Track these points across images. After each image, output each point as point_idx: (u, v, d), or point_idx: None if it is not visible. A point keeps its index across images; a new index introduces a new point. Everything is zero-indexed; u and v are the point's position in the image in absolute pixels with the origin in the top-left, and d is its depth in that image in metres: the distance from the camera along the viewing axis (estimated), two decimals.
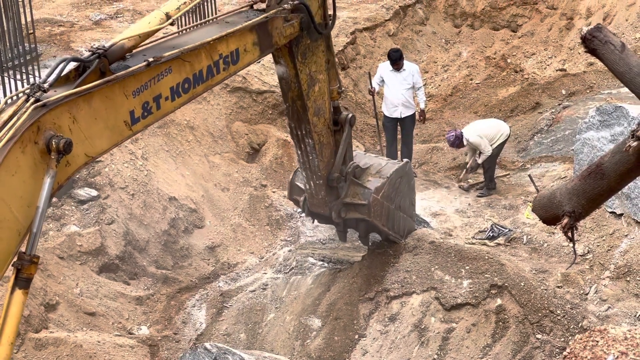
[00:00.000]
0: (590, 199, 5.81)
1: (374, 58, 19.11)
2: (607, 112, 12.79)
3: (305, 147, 10.63)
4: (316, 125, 10.43)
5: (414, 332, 11.28)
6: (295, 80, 9.88)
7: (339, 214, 11.26)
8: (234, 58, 8.31)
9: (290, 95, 10.09)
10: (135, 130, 7.18)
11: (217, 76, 8.09)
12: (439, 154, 15.92)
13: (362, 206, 11.27)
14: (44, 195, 6.20)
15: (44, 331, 11.12)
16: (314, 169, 10.81)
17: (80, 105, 6.56)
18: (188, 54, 7.58)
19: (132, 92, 7.05)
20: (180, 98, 7.63)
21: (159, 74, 7.30)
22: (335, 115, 11.13)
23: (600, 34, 5.68)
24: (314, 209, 11.41)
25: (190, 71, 7.70)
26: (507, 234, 12.86)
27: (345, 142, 11.25)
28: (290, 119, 10.44)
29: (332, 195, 11.16)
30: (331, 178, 10.98)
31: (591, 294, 11.43)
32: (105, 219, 13.10)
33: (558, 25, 19.75)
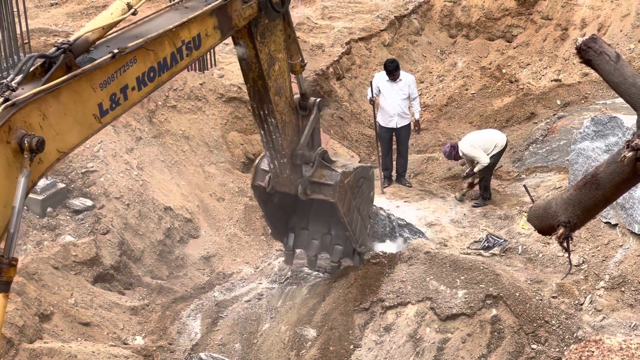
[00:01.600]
0: (585, 209, 5.81)
1: (369, 68, 19.13)
2: (602, 122, 12.81)
3: (268, 127, 10.59)
4: (278, 104, 10.41)
5: (409, 343, 11.26)
6: (256, 60, 9.85)
7: (304, 190, 11.15)
8: (197, 43, 8.32)
9: (251, 75, 10.07)
10: (104, 122, 7.21)
11: (180, 62, 8.10)
12: (435, 164, 15.93)
13: (327, 186, 11.21)
14: (19, 195, 6.24)
15: (38, 341, 11.09)
16: (277, 147, 10.76)
17: (49, 101, 6.59)
18: (152, 42, 7.61)
19: (99, 85, 7.07)
20: (146, 87, 7.65)
21: (124, 65, 7.31)
22: (304, 101, 11.22)
23: (595, 45, 5.69)
24: (278, 188, 11.29)
25: (155, 60, 7.72)
26: (502, 244, 12.86)
27: (313, 124, 11.28)
28: (252, 99, 10.41)
29: (296, 173, 11.09)
30: (295, 155, 10.90)
31: (586, 304, 11.43)
32: (100, 228, 13.09)
33: (553, 35, 19.79)
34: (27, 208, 13.04)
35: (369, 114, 17.42)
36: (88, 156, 13.63)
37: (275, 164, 11.02)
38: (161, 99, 15.46)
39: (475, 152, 13.86)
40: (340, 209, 11.33)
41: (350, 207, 11.63)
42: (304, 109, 11.24)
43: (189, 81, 15.76)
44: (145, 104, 15.16)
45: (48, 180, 13.27)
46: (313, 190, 11.28)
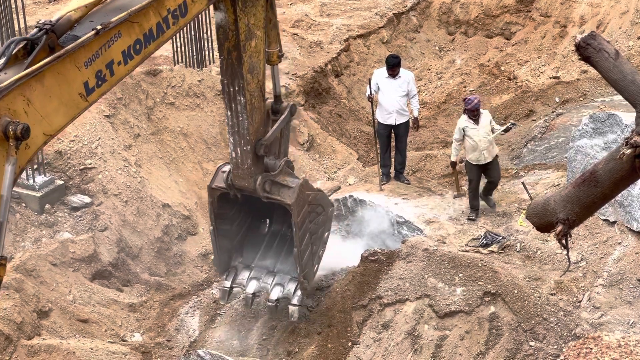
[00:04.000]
0: (584, 206, 5.80)
1: (367, 65, 19.12)
2: (601, 119, 12.81)
3: (236, 107, 10.34)
4: (249, 83, 10.20)
5: (407, 340, 11.27)
6: (234, 27, 9.70)
7: (263, 186, 10.89)
8: (183, 10, 8.15)
9: (227, 45, 9.89)
10: (91, 100, 7.13)
11: (167, 32, 7.96)
12: (433, 161, 15.92)
13: (287, 188, 11.02)
14: (6, 183, 6.21)
15: (36, 338, 11.09)
16: (242, 132, 10.49)
17: (33, 86, 6.51)
18: (136, 14, 7.45)
19: (84, 64, 6.96)
20: (132, 60, 7.53)
21: (109, 40, 7.18)
22: (276, 104, 11.12)
23: (594, 42, 5.68)
24: (237, 182, 10.97)
25: (140, 32, 7.57)
26: (500, 241, 12.86)
27: (282, 124, 11.13)
28: (223, 74, 10.18)
29: (258, 166, 10.85)
30: (259, 144, 10.68)
31: (584, 302, 11.43)
32: (99, 225, 13.08)
33: (552, 33, 19.77)
34: (25, 205, 13.04)
35: (368, 111, 17.42)
36: (86, 153, 13.62)
37: (237, 152, 10.71)
38: (159, 95, 15.45)
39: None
40: (295, 215, 11.05)
41: (305, 224, 11.36)
42: (276, 113, 11.12)
43: (187, 78, 15.75)
44: (143, 101, 15.15)
45: (46, 177, 13.26)
46: (272, 190, 11.03)
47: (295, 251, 11.23)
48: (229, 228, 11.68)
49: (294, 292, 11.66)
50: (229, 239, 11.77)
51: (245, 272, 11.89)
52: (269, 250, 12.05)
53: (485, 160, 13.32)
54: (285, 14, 19.77)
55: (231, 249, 11.86)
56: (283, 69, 17.44)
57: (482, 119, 13.19)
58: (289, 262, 11.79)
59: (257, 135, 10.69)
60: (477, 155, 13.27)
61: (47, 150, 13.48)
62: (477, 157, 13.29)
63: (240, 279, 11.85)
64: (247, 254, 12.00)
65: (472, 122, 13.15)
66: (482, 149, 13.22)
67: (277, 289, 11.75)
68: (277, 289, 11.76)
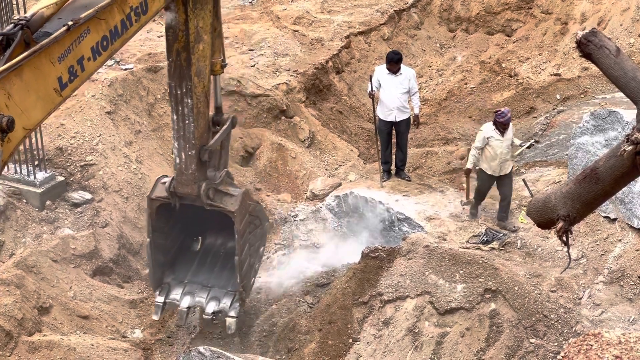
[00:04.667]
0: (585, 203, 5.81)
1: (368, 62, 19.12)
2: (602, 116, 12.81)
3: (182, 110, 10.40)
4: (196, 86, 10.30)
5: (407, 337, 11.28)
6: (184, 27, 9.84)
7: (207, 193, 10.89)
8: (144, 8, 8.41)
9: (176, 47, 10.00)
10: (65, 95, 7.31)
11: (130, 29, 8.19)
12: (434, 158, 15.93)
13: (230, 196, 11.08)
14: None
15: (37, 334, 11.10)
16: (188, 136, 10.54)
17: (13, 80, 6.64)
18: (102, 11, 7.68)
19: (58, 58, 7.14)
20: (100, 57, 7.74)
21: (79, 36, 7.39)
22: (217, 116, 11.21)
23: (595, 39, 5.68)
24: (180, 189, 10.93)
25: (107, 28, 7.81)
26: (501, 238, 12.86)
27: (224, 134, 11.20)
28: (171, 77, 10.28)
29: (201, 172, 10.86)
30: (203, 150, 10.72)
31: (585, 299, 11.44)
32: (99, 222, 13.09)
33: (553, 30, 19.77)
34: (26, 201, 13.05)
35: (368, 107, 17.42)
36: (87, 149, 13.62)
37: (182, 156, 10.73)
38: (160, 92, 15.45)
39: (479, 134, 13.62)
40: (238, 223, 11.10)
41: (245, 235, 11.41)
42: (217, 124, 11.19)
43: None
44: (144, 98, 15.15)
45: (47, 173, 13.27)
46: (215, 197, 11.06)
47: (236, 259, 11.21)
48: (164, 243, 11.63)
49: (230, 304, 11.59)
50: (163, 254, 11.70)
51: (179, 288, 11.79)
52: (202, 267, 11.99)
53: (500, 172, 13.17)
54: (287, 11, 19.78)
55: (165, 265, 11.78)
56: (284, 65, 17.46)
57: (508, 132, 13.07)
58: (224, 277, 11.77)
59: (202, 141, 10.76)
60: (494, 166, 13.07)
61: (48, 146, 13.49)
62: (494, 168, 13.09)
63: (174, 294, 11.74)
64: (179, 271, 11.92)
65: (498, 133, 12.99)
66: (501, 161, 13.03)
67: (213, 303, 11.67)
68: (213, 303, 11.68)
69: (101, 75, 14.59)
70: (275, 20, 19.46)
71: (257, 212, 11.83)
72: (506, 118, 12.89)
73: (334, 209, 14.53)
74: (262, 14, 19.91)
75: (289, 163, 15.62)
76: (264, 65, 17.32)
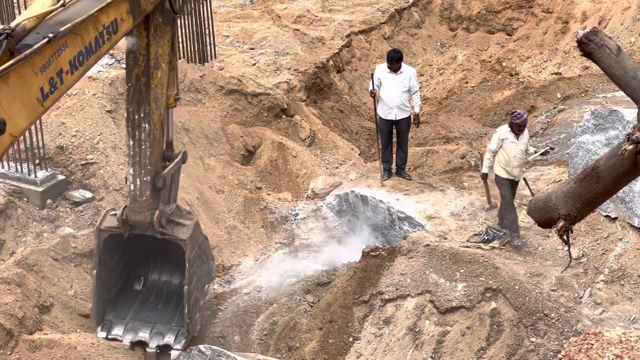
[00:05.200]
0: (585, 202, 5.80)
1: (369, 61, 19.11)
2: (602, 115, 12.80)
3: (139, 135, 10.63)
4: (154, 113, 10.56)
5: (408, 335, 11.28)
6: (145, 52, 10.18)
7: (160, 221, 11.01)
8: (114, 27, 8.78)
9: (136, 71, 10.30)
10: (46, 106, 7.53)
11: (103, 47, 8.52)
12: (434, 157, 15.93)
13: (182, 226, 11.23)
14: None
15: (38, 333, 11.10)
16: (144, 161, 10.74)
17: (0, 86, 6.78)
18: (79, 27, 7.98)
19: (40, 69, 7.36)
20: (77, 71, 8.04)
21: (58, 49, 7.64)
22: (168, 152, 11.33)
23: (596, 38, 5.67)
24: (133, 217, 11.05)
25: (82, 44, 8.12)
26: (502, 237, 12.86)
27: (174, 167, 11.34)
28: (129, 102, 10.54)
29: (155, 200, 11.03)
30: (158, 177, 10.89)
31: (585, 298, 11.44)
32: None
33: (553, 28, 19.77)
34: (27, 200, 13.05)
35: (369, 106, 17.42)
36: (88, 148, 13.62)
37: (137, 183, 10.88)
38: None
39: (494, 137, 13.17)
40: (189, 252, 11.16)
41: (193, 267, 11.43)
42: (167, 160, 11.32)
43: (189, 73, 15.76)
44: None
45: (48, 172, 13.27)
46: (167, 226, 11.16)
47: (185, 289, 11.24)
48: (108, 278, 11.65)
49: (175, 338, 11.53)
50: (107, 290, 11.69)
51: (121, 325, 11.73)
52: (145, 305, 11.94)
53: (515, 177, 12.91)
54: (287, 10, 19.77)
55: (107, 301, 11.75)
56: (285, 64, 17.46)
57: (523, 135, 12.75)
58: (167, 314, 11.75)
59: (156, 168, 10.94)
60: (508, 170, 12.75)
61: (49, 145, 13.49)
62: (509, 172, 12.78)
63: (116, 330, 11.66)
64: (121, 308, 11.86)
65: (513, 135, 12.65)
66: (515, 165, 12.74)
67: (157, 338, 11.59)
68: (157, 338, 11.60)
69: (102, 73, 14.59)
70: (276, 19, 19.46)
71: (205, 247, 11.96)
72: (522, 119, 12.59)
73: (334, 207, 14.53)
74: (262, 13, 19.91)
75: (290, 162, 15.62)
76: (265, 64, 17.31)
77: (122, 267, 11.91)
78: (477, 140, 16.75)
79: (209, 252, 12.20)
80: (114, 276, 11.76)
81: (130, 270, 12.07)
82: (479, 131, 17.16)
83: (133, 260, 11.95)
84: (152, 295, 12.05)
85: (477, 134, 17.06)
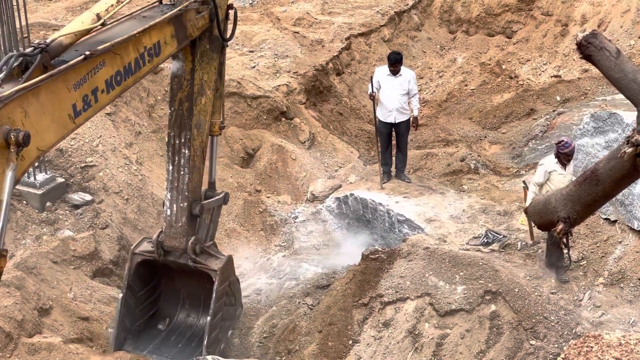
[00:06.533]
0: (585, 204, 5.82)
1: (368, 64, 19.12)
2: (602, 118, 12.82)
3: (179, 160, 10.57)
4: (195, 139, 10.51)
5: (407, 338, 11.27)
6: (190, 77, 10.16)
7: (194, 249, 10.90)
8: (157, 50, 8.76)
9: (180, 96, 10.27)
10: (77, 123, 7.50)
11: (143, 68, 8.50)
12: (434, 159, 15.93)
13: (215, 258, 11.13)
14: (6, 188, 6.43)
15: (37, 336, 11.09)
16: (182, 187, 10.66)
17: (30, 99, 6.79)
18: (118, 47, 7.98)
19: (74, 86, 7.35)
20: (114, 90, 8.02)
21: (94, 67, 7.64)
22: (210, 191, 11.37)
23: (595, 40, 5.68)
24: (168, 242, 10.96)
25: (121, 64, 8.10)
26: (501, 240, 12.86)
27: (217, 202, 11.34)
28: (171, 126, 10.52)
29: (191, 227, 10.91)
30: (195, 204, 10.80)
31: (585, 300, 11.43)
32: (99, 223, 13.08)
33: (553, 31, 19.77)
34: (26, 202, 13.04)
35: (369, 109, 17.42)
36: (87, 151, 13.62)
37: (173, 208, 10.80)
38: (160, 93, 15.45)
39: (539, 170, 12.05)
40: (218, 284, 11.01)
41: (220, 301, 11.25)
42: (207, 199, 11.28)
43: None
44: (144, 99, 15.14)
45: (47, 174, 13.26)
46: (200, 256, 11.05)
47: (208, 320, 11.03)
48: (133, 307, 11.53)
49: None
50: (130, 319, 11.55)
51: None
52: (166, 342, 11.78)
53: None
54: (287, 12, 19.77)
55: (129, 331, 11.58)
56: (284, 67, 17.45)
57: (570, 164, 11.76)
58: (186, 353, 11.53)
59: (195, 195, 10.86)
60: None
61: None
62: None
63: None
64: (141, 342, 11.69)
65: (561, 166, 11.60)
66: None
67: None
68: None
69: None
70: (275, 22, 19.46)
71: (235, 290, 11.82)
72: (570, 148, 11.57)
73: (334, 210, 14.53)
74: (262, 16, 19.91)
75: (289, 165, 15.62)
76: (264, 67, 17.31)
77: (150, 303, 11.79)
78: (477, 142, 16.75)
79: (238, 297, 12.01)
80: (139, 308, 11.62)
81: (157, 308, 11.93)
82: (479, 134, 17.16)
83: (162, 297, 11.84)
84: (175, 334, 11.87)
85: (476, 136, 17.06)
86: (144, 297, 11.65)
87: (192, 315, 11.82)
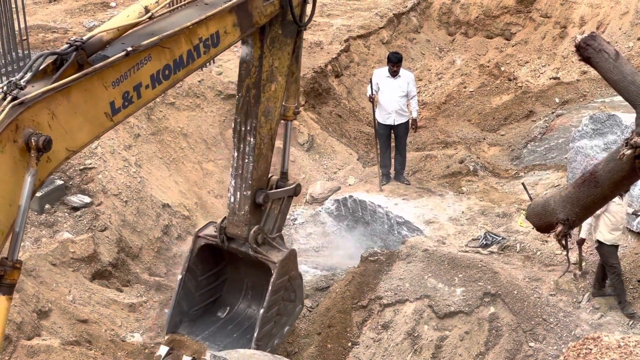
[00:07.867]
0: (584, 206, 5.81)
1: (367, 66, 19.12)
2: (601, 120, 12.82)
3: (244, 148, 10.17)
4: (262, 126, 10.06)
5: (407, 340, 11.27)
6: (258, 63, 9.63)
7: (255, 238, 10.55)
8: (215, 41, 8.24)
9: (247, 82, 9.81)
10: (116, 120, 7.20)
11: (197, 60, 8.05)
12: (433, 161, 15.93)
13: (277, 250, 10.72)
14: (25, 194, 6.26)
15: (36, 338, 11.08)
16: (245, 175, 10.30)
17: (59, 100, 6.58)
18: (167, 40, 7.56)
19: (112, 83, 7.05)
20: (161, 85, 7.64)
21: (138, 63, 7.29)
22: (282, 181, 10.91)
23: (594, 42, 5.68)
24: (230, 229, 10.67)
25: (171, 57, 7.68)
26: (500, 241, 12.86)
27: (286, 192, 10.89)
28: (238, 112, 10.09)
29: (254, 216, 10.57)
30: (259, 192, 10.45)
31: (584, 302, 11.43)
32: (99, 225, 13.07)
33: (552, 33, 19.79)
34: None
35: (368, 111, 17.42)
36: (86, 153, 13.61)
37: (237, 196, 10.49)
38: (159, 95, 15.44)
39: None
40: (277, 277, 10.61)
41: (278, 294, 10.85)
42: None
43: (188, 78, 15.74)
44: None
45: None
46: (262, 247, 10.67)
47: (262, 312, 10.64)
48: (192, 291, 11.32)
49: None
50: (188, 303, 11.35)
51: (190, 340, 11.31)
52: (221, 331, 11.50)
53: (620, 242, 11.38)
54: None
55: (185, 314, 11.38)
56: None
57: (627, 195, 11.25)
58: (239, 344, 11.18)
59: (260, 183, 10.48)
60: (618, 235, 11.21)
61: None
62: (618, 237, 11.25)
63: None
64: (196, 327, 11.44)
65: (619, 197, 10.74)
66: (622, 228, 11.31)
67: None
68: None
69: None
70: None
71: (297, 286, 11.31)
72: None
73: (333, 212, 14.53)
74: None
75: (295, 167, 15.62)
76: None
77: (212, 289, 11.57)
78: (476, 144, 16.76)
79: (299, 293, 11.48)
80: (199, 293, 11.39)
81: (220, 294, 11.71)
82: (478, 136, 17.17)
83: (226, 285, 11.60)
84: (232, 324, 11.61)
85: (475, 138, 17.06)
86: (205, 281, 11.37)
87: (252, 307, 11.49)
